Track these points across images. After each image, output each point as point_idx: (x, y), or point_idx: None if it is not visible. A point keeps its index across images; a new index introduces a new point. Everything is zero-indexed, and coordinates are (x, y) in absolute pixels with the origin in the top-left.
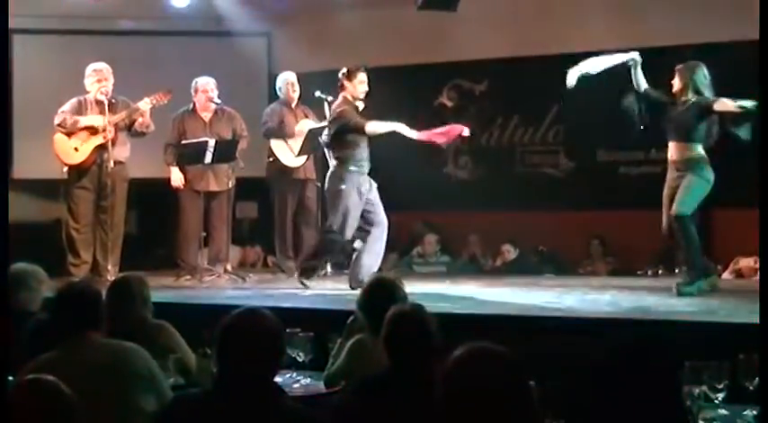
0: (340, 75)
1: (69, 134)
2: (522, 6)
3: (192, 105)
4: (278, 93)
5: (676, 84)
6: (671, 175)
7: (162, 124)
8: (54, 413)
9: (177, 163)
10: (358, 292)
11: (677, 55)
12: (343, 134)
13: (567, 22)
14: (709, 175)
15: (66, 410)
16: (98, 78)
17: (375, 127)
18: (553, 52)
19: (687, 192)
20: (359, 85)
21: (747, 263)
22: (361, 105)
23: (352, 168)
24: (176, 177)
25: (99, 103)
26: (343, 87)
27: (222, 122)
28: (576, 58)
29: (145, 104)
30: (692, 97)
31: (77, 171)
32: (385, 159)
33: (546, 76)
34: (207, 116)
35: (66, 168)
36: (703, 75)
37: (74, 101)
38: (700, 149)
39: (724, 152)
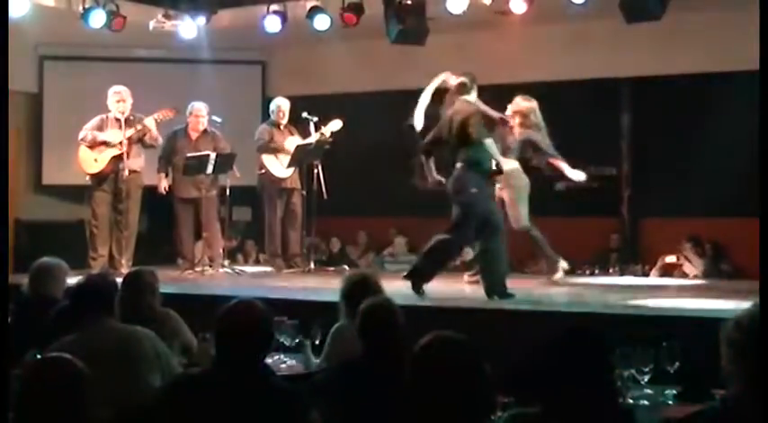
0: (465, 79)
1: (91, 147)
2: (477, 41)
3: (185, 125)
4: (270, 114)
5: (509, 110)
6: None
7: None
8: (67, 385)
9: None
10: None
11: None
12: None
13: (518, 54)
14: (522, 181)
15: (78, 383)
16: (118, 99)
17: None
18: (504, 82)
19: (516, 205)
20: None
21: (671, 260)
22: None
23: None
24: (161, 185)
25: (117, 120)
26: (467, 92)
27: (206, 142)
28: (525, 87)
29: (150, 121)
30: (518, 124)
31: (97, 178)
32: (361, 171)
33: (499, 103)
34: (194, 135)
35: (87, 176)
36: (531, 108)
37: (97, 118)
38: (513, 163)
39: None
